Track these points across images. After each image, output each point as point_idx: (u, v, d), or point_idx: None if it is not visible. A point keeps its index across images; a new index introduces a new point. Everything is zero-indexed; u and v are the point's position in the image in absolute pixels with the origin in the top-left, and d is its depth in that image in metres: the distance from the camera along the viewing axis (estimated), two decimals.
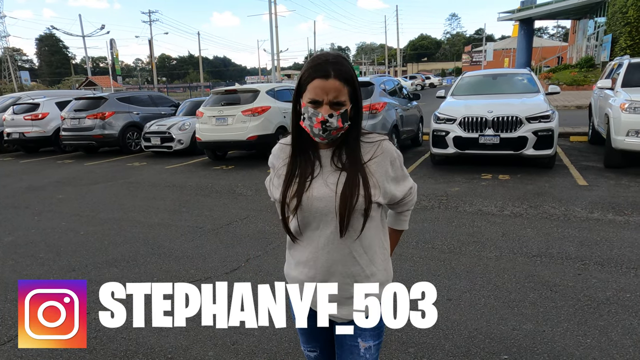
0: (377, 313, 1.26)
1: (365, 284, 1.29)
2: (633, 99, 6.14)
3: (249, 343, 2.62)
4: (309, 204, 1.27)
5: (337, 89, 1.21)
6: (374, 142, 1.31)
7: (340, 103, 1.22)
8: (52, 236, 4.82)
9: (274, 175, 1.38)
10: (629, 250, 3.67)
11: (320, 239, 1.29)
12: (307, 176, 1.29)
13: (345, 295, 1.29)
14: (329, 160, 1.30)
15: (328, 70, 1.21)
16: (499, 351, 2.42)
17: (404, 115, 8.89)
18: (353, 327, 1.31)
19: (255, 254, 3.99)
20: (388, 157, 1.31)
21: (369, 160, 1.28)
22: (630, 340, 2.45)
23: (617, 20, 22.18)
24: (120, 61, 43.48)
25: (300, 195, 1.27)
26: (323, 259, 1.30)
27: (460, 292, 3.09)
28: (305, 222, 1.31)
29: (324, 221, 1.28)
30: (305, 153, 1.31)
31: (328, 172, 1.29)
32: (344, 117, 1.24)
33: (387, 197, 1.32)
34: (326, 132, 1.23)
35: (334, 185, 1.26)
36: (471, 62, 59.42)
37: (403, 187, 1.37)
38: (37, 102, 12.43)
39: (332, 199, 1.25)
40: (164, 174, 8.24)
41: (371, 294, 1.26)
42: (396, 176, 1.34)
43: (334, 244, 1.28)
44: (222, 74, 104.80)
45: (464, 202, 5.31)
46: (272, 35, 27.94)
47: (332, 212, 1.26)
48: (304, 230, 1.32)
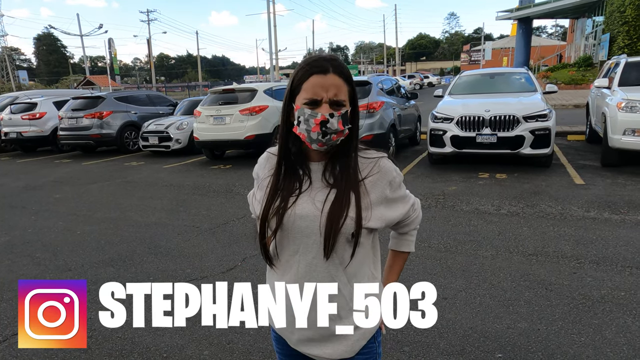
0: (361, 345, 1.18)
1: (350, 318, 1.14)
2: (630, 98, 6.16)
3: (245, 342, 2.62)
4: (291, 223, 1.12)
5: (338, 85, 1.09)
6: (371, 159, 1.16)
7: (340, 102, 1.09)
8: (49, 236, 4.82)
9: (257, 187, 1.24)
10: (624, 248, 3.68)
11: (300, 265, 1.13)
12: (293, 191, 1.14)
13: (328, 333, 1.14)
14: (320, 175, 1.15)
15: (326, 66, 1.08)
16: (493, 349, 2.43)
17: (401, 115, 8.89)
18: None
19: (251, 253, 3.99)
20: (386, 176, 1.16)
21: (365, 179, 1.14)
22: (624, 338, 2.46)
23: (615, 20, 22.21)
24: (118, 60, 43.40)
25: (282, 212, 1.12)
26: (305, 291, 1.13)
27: (455, 291, 3.10)
28: (283, 243, 1.15)
29: (304, 244, 1.12)
30: (294, 165, 1.16)
31: (317, 189, 1.14)
32: (345, 119, 1.10)
33: (382, 221, 1.15)
34: (326, 137, 1.08)
35: (320, 203, 1.10)
36: (470, 61, 59.47)
37: (401, 209, 1.22)
38: (34, 102, 12.41)
39: (316, 218, 1.10)
40: (161, 173, 8.23)
41: (356, 328, 1.15)
42: (393, 198, 1.18)
43: (316, 272, 1.12)
44: (221, 73, 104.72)
45: (461, 201, 5.32)
46: (270, 35, 27.93)
47: (315, 234, 1.10)
48: (282, 254, 1.16)
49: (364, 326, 1.15)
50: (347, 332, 1.14)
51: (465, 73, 9.22)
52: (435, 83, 46.52)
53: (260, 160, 1.26)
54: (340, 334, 1.14)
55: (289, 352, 1.25)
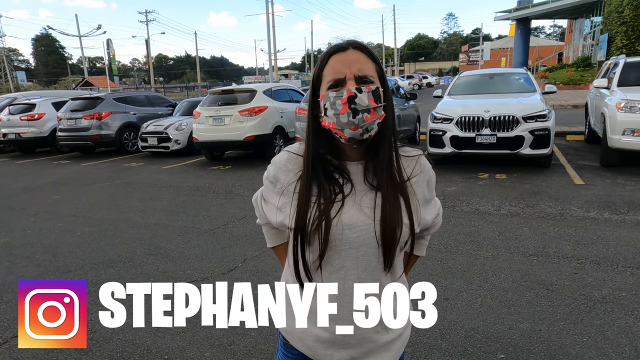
0: (401, 354, 1.11)
1: (391, 330, 1.07)
2: (629, 98, 6.17)
3: (246, 343, 2.61)
4: (338, 234, 0.97)
5: (361, 60, 0.98)
6: (412, 157, 1.06)
7: (367, 78, 0.97)
8: (49, 237, 4.80)
9: (274, 191, 1.08)
10: (625, 249, 3.68)
11: (347, 282, 0.99)
12: (335, 197, 0.99)
13: (374, 347, 1.05)
14: (362, 177, 1.01)
15: (344, 45, 1.00)
16: (495, 350, 2.42)
17: (401, 115, 8.89)
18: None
19: (252, 254, 3.99)
20: (426, 176, 1.07)
21: (409, 179, 1.03)
22: (626, 339, 2.45)
23: (613, 20, 22.26)
24: (117, 61, 43.38)
25: (328, 223, 0.96)
26: (351, 307, 1.00)
27: (457, 292, 3.10)
28: (326, 259, 1.00)
29: (352, 257, 0.99)
30: (327, 167, 1.02)
31: (361, 193, 1.00)
32: (377, 96, 0.96)
33: (421, 225, 1.06)
34: (357, 116, 0.93)
35: (369, 209, 0.98)
36: (468, 61, 59.56)
37: (433, 211, 1.14)
38: (33, 103, 12.39)
39: (368, 227, 0.97)
40: (161, 175, 8.22)
41: (398, 335, 1.10)
42: (430, 198, 1.11)
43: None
44: (220, 73, 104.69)
45: (461, 202, 5.32)
46: (269, 35, 27.93)
47: (367, 245, 0.98)
48: (320, 269, 1.02)
49: (404, 332, 1.11)
50: (390, 342, 1.08)
51: (465, 73, 9.23)
52: (434, 83, 46.55)
53: (279, 162, 1.08)
54: (383, 345, 1.07)
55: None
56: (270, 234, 1.25)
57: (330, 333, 1.03)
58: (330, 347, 1.05)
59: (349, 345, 1.04)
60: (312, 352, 1.07)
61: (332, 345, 1.05)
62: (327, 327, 1.02)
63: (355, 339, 1.03)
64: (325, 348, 1.05)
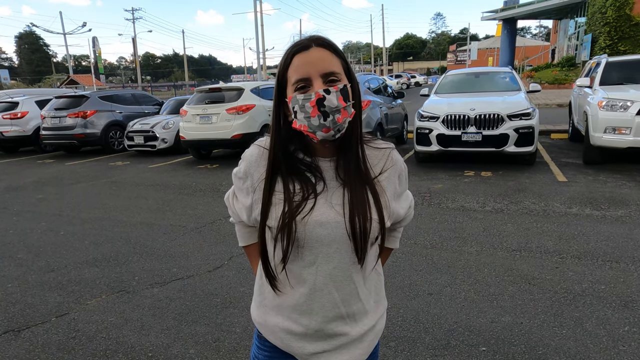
0: (374, 346, 1.12)
1: (365, 320, 1.08)
2: (610, 97, 6.29)
3: (231, 340, 2.61)
4: (309, 232, 0.97)
5: (325, 58, 0.95)
6: (381, 149, 1.05)
7: (334, 75, 0.94)
8: (31, 236, 4.73)
9: (243, 188, 1.06)
10: (605, 243, 3.76)
11: (318, 277, 1.00)
12: (308, 194, 0.98)
13: (346, 340, 1.06)
14: (333, 173, 1.00)
15: (307, 42, 0.96)
16: (477, 343, 2.46)
17: (388, 114, 8.94)
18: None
19: (238, 252, 3.98)
20: (398, 170, 1.07)
21: (380, 174, 1.02)
22: (604, 330, 2.51)
23: (597, 21, 22.65)
24: (103, 59, 42.77)
25: (293, 219, 0.96)
26: (321, 302, 1.02)
27: (441, 287, 3.13)
28: (298, 255, 1.00)
29: (324, 254, 0.99)
30: (298, 164, 1.01)
31: (332, 189, 0.99)
32: (346, 94, 0.94)
33: (393, 218, 1.06)
34: (329, 118, 0.92)
35: (340, 206, 0.97)
36: (456, 61, 60.03)
37: (405, 203, 1.15)
38: (16, 101, 12.16)
39: (339, 224, 0.97)
40: (147, 173, 8.14)
41: (370, 328, 1.10)
42: (401, 192, 1.10)
43: (337, 281, 1.01)
44: (208, 72, 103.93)
45: (446, 199, 5.37)
46: (257, 34, 27.82)
47: (338, 242, 0.98)
48: (292, 265, 1.01)
49: (376, 325, 1.12)
50: (362, 335, 1.08)
51: (451, 72, 9.31)
52: (422, 82, 46.89)
53: (251, 157, 1.05)
54: (355, 339, 1.07)
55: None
56: (242, 232, 1.22)
57: (303, 327, 1.04)
58: (301, 339, 1.06)
59: (321, 338, 1.05)
60: (284, 344, 1.08)
61: (304, 338, 1.05)
62: (299, 320, 1.04)
63: (327, 333, 1.04)
64: (296, 340, 1.06)
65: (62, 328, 2.82)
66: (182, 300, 3.09)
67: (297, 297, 1.03)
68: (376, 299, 1.11)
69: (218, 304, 3.04)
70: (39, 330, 2.81)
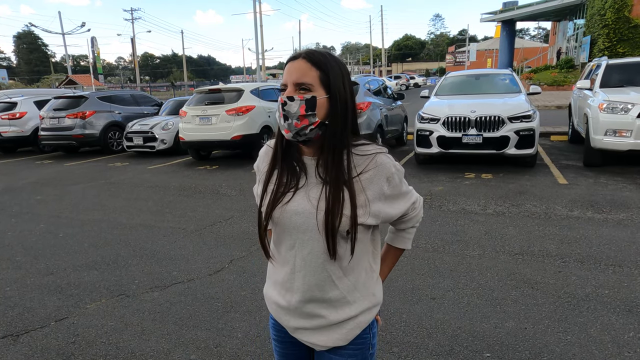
0: (355, 335, 1.19)
1: (345, 309, 1.16)
2: (611, 100, 6.28)
3: (232, 345, 2.59)
4: (287, 218, 1.12)
5: (301, 68, 1.06)
6: (367, 155, 1.12)
7: (304, 85, 1.05)
8: (30, 238, 4.69)
9: (258, 178, 1.25)
10: (607, 247, 3.74)
11: (296, 260, 1.14)
12: (290, 186, 1.13)
13: (324, 322, 1.17)
14: (314, 170, 1.13)
15: (298, 53, 1.10)
16: (481, 349, 2.44)
17: (388, 115, 8.93)
18: (333, 356, 1.20)
19: (239, 255, 3.95)
20: (384, 172, 1.12)
21: (360, 174, 1.10)
22: (609, 336, 2.49)
23: (596, 23, 22.69)
24: (102, 59, 42.67)
25: (275, 206, 1.13)
26: (299, 282, 1.15)
27: (443, 291, 3.11)
28: (281, 238, 1.17)
29: (300, 240, 1.12)
30: (290, 160, 1.15)
31: (312, 184, 1.13)
32: (310, 105, 1.05)
33: (380, 218, 1.14)
34: (287, 121, 1.06)
35: (315, 200, 1.10)
36: (455, 62, 60.16)
37: (402, 205, 1.20)
38: (14, 101, 12.12)
39: (312, 215, 1.09)
40: (146, 174, 8.11)
41: (350, 318, 1.17)
42: (393, 194, 1.16)
43: (311, 266, 1.13)
44: (207, 73, 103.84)
45: (447, 201, 5.35)
46: (256, 34, 27.79)
47: (311, 231, 1.10)
48: (279, 248, 1.19)
49: (358, 316, 1.18)
50: (342, 322, 1.17)
51: (451, 74, 9.30)
52: (421, 84, 46.93)
53: (261, 154, 1.26)
54: (334, 323, 1.17)
55: (286, 339, 1.26)
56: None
57: (286, 302, 1.19)
58: (287, 313, 1.20)
59: (301, 315, 1.18)
60: (276, 315, 1.25)
61: (288, 313, 1.20)
62: (285, 296, 1.19)
63: (306, 312, 1.17)
64: (283, 314, 1.21)
65: (62, 332, 2.79)
66: (182, 305, 3.06)
67: (283, 274, 1.18)
68: (364, 293, 1.19)
69: (219, 308, 3.01)
70: (38, 335, 2.78)
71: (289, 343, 1.26)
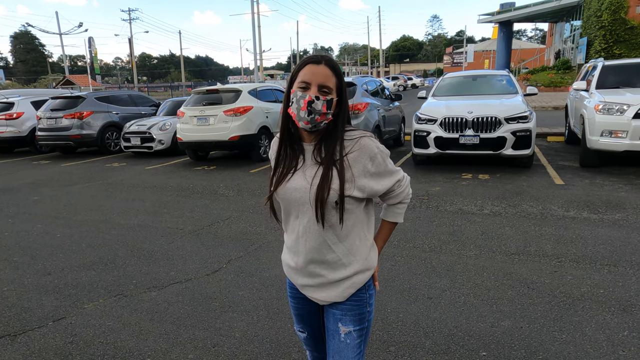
0: (351, 293, 1.40)
1: (342, 270, 1.38)
2: (607, 100, 6.32)
3: (230, 345, 2.59)
4: (288, 194, 1.36)
5: (326, 74, 1.29)
6: (352, 139, 1.34)
7: (328, 89, 1.29)
8: (27, 239, 4.69)
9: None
10: (603, 247, 3.77)
11: (300, 228, 1.38)
12: (291, 168, 1.38)
13: (323, 281, 1.40)
14: (311, 154, 1.36)
15: (319, 58, 1.32)
16: (478, 348, 2.46)
17: (386, 116, 8.96)
18: (335, 311, 1.42)
19: (236, 255, 3.96)
20: (366, 153, 1.32)
21: (346, 155, 1.32)
22: (603, 334, 2.51)
23: (592, 24, 22.80)
24: (99, 60, 42.59)
25: (279, 185, 1.37)
26: (302, 246, 1.39)
27: (440, 291, 3.13)
28: (287, 211, 1.42)
29: (301, 211, 1.36)
30: (292, 146, 1.39)
31: (308, 166, 1.36)
32: (329, 104, 1.29)
33: (365, 192, 1.34)
34: (311, 115, 1.27)
35: (310, 178, 1.33)
36: (452, 63, 60.29)
37: (387, 182, 1.39)
38: (11, 102, 12.10)
39: (306, 190, 1.32)
40: (144, 175, 8.11)
41: (346, 278, 1.38)
42: (378, 172, 1.35)
43: (310, 232, 1.36)
44: (204, 73, 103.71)
45: (444, 202, 5.38)
46: (254, 35, 27.79)
47: (306, 203, 1.33)
48: (287, 218, 1.44)
49: (353, 277, 1.40)
50: (339, 281, 1.39)
51: (448, 75, 9.33)
52: (418, 85, 47.00)
53: (272, 144, 1.49)
54: (332, 282, 1.39)
55: (298, 295, 1.51)
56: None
57: (294, 263, 1.43)
58: (296, 273, 1.45)
59: (306, 275, 1.42)
60: (288, 275, 1.51)
61: (297, 272, 1.44)
62: (293, 258, 1.43)
63: (309, 271, 1.41)
64: (293, 273, 1.46)
65: (59, 333, 2.80)
66: (180, 304, 3.07)
67: (291, 240, 1.43)
68: (358, 257, 1.40)
69: (217, 308, 3.02)
70: (35, 335, 2.78)
71: (300, 299, 1.51)
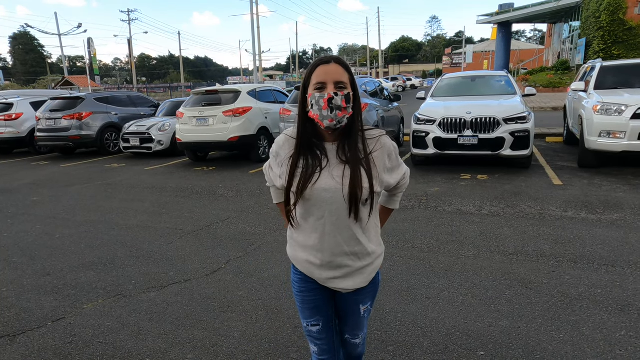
0: (373, 277, 1.55)
1: (367, 258, 1.51)
2: (605, 101, 6.33)
3: (229, 345, 2.60)
4: (317, 195, 1.40)
5: (339, 72, 1.36)
6: (374, 137, 1.45)
7: (342, 84, 1.36)
8: (26, 240, 4.69)
9: (276, 163, 1.51)
10: (601, 247, 3.78)
11: (326, 226, 1.44)
12: (315, 168, 1.40)
13: (350, 270, 1.50)
14: (335, 154, 1.41)
15: (328, 58, 1.39)
16: (475, 348, 2.46)
17: (385, 116, 8.97)
18: (357, 297, 1.56)
19: (236, 256, 3.97)
20: (386, 150, 1.45)
21: (371, 154, 1.41)
22: (600, 334, 2.52)
23: (591, 25, 22.84)
24: (98, 60, 42.56)
25: (306, 186, 1.39)
26: (330, 243, 1.45)
27: (438, 291, 3.14)
28: (311, 211, 1.44)
29: (329, 210, 1.41)
30: (311, 147, 1.42)
31: (334, 165, 1.40)
32: (348, 99, 1.36)
33: (384, 185, 1.48)
34: (334, 112, 1.33)
35: (339, 178, 1.38)
36: (451, 64, 60.30)
37: (397, 175, 1.53)
38: (10, 102, 12.09)
39: (338, 190, 1.38)
40: (143, 176, 8.11)
41: (369, 264, 1.52)
42: (392, 167, 1.50)
43: (340, 229, 1.43)
44: (204, 74, 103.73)
45: (443, 202, 5.39)
46: (253, 36, 27.81)
47: (338, 202, 1.39)
48: (308, 219, 1.46)
49: (375, 262, 1.54)
50: (363, 267, 1.51)
51: (447, 76, 9.35)
52: (417, 85, 47.08)
53: (279, 142, 1.50)
54: (358, 269, 1.51)
55: (313, 287, 1.55)
56: (276, 194, 1.68)
57: (319, 260, 1.49)
58: (319, 269, 1.50)
59: (332, 268, 1.49)
60: (308, 272, 1.54)
61: (321, 268, 1.50)
62: (316, 255, 1.48)
63: (336, 264, 1.49)
64: (316, 269, 1.51)
65: (59, 333, 2.80)
66: (179, 305, 3.08)
67: (313, 240, 1.47)
68: (376, 243, 1.54)
69: (216, 308, 3.03)
70: (35, 335, 2.79)
71: (317, 290, 1.56)
